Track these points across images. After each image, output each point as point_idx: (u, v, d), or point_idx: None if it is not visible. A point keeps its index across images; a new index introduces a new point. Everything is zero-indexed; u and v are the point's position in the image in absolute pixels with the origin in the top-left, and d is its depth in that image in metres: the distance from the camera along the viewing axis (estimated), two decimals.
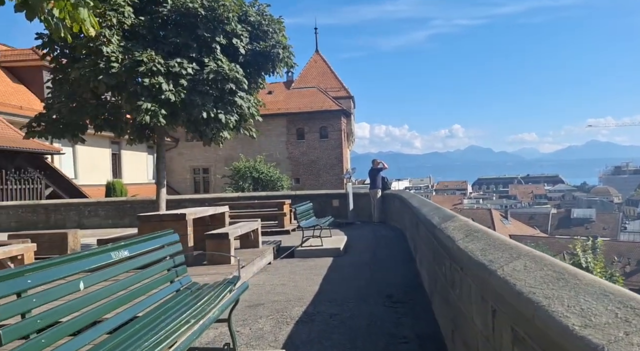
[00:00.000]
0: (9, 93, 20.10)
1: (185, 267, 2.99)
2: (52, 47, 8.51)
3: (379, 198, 12.46)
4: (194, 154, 33.58)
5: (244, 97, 8.60)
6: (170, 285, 2.77)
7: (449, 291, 3.31)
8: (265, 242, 8.52)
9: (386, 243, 8.93)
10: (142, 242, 2.52)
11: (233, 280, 2.89)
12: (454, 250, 2.74)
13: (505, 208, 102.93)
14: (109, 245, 2.22)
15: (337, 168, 31.94)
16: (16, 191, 15.66)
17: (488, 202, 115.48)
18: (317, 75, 35.03)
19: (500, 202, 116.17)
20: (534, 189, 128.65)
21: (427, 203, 5.50)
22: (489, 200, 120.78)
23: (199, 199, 14.44)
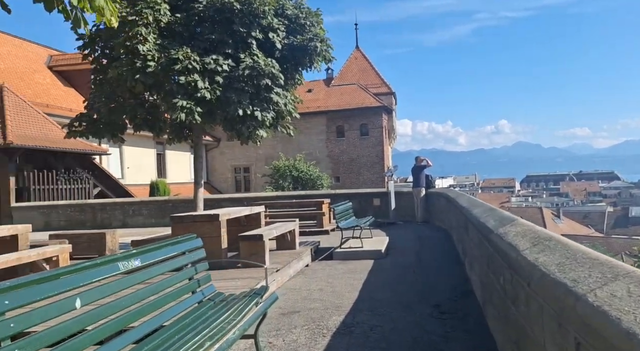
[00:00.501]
0: (60, 96, 20.92)
1: (209, 276, 2.70)
2: (93, 47, 8.58)
3: (422, 197, 11.91)
4: (235, 153, 33.94)
5: (281, 93, 8.34)
6: (191, 295, 2.49)
7: (509, 306, 2.85)
8: (303, 243, 8.22)
9: (431, 245, 8.42)
10: (157, 249, 2.25)
11: (260, 290, 2.58)
12: (518, 262, 2.30)
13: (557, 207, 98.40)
14: (118, 254, 1.96)
15: (378, 167, 31.33)
16: (66, 191, 16.22)
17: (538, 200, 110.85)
18: (358, 72, 34.51)
19: (550, 200, 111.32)
20: (587, 186, 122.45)
21: (478, 203, 5.01)
22: (539, 198, 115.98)
23: (238, 198, 14.39)
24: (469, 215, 4.68)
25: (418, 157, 12.25)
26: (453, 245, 8.05)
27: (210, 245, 5.36)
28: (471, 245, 4.90)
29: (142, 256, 2.07)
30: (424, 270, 6.23)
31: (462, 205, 5.73)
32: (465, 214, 5.07)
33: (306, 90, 34.50)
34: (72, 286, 1.58)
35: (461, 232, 6.41)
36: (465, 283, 5.28)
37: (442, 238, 9.01)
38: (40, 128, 16.03)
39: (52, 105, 19.18)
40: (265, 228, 6.09)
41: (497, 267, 3.14)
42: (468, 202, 5.67)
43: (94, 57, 8.68)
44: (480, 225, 3.73)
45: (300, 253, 6.68)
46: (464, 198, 6.50)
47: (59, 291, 1.53)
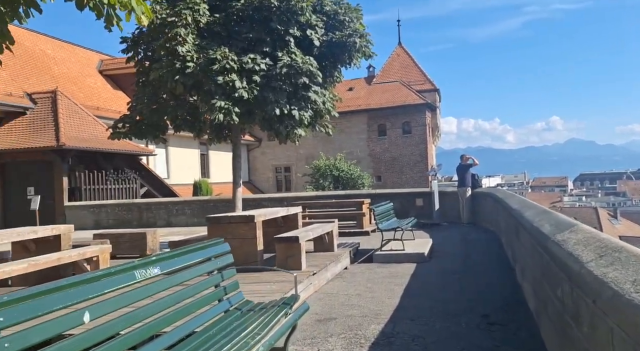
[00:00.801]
0: (109, 99, 21.77)
1: (236, 283, 2.56)
2: (136, 50, 8.76)
3: (468, 197, 11.40)
4: (276, 153, 34.18)
5: (319, 91, 8.17)
6: (217, 304, 2.35)
7: (568, 322, 2.53)
8: (342, 245, 8.02)
9: (477, 248, 7.99)
10: (180, 256, 2.12)
11: (290, 300, 2.40)
12: (582, 276, 2.00)
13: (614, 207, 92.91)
14: (136, 261, 1.83)
15: (421, 165, 30.60)
16: (114, 190, 16.82)
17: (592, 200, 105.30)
18: (400, 69, 33.87)
19: (606, 200, 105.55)
20: None
21: (530, 205, 4.61)
22: (594, 198, 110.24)
23: (278, 198, 14.37)
24: (520, 218, 4.32)
25: (463, 155, 11.74)
26: (502, 248, 7.60)
27: (246, 247, 5.26)
28: (523, 250, 4.53)
29: (162, 263, 1.94)
30: (470, 276, 5.87)
31: (511, 207, 5.33)
32: (516, 217, 4.70)
33: (347, 89, 34.24)
34: (79, 299, 1.46)
35: (511, 236, 5.99)
36: (516, 292, 4.90)
37: (490, 241, 8.54)
38: (91, 130, 16.71)
39: (102, 107, 19.97)
40: (302, 230, 5.94)
41: (553, 277, 2.82)
42: (519, 203, 5.27)
43: (137, 60, 8.86)
44: (533, 229, 3.39)
45: (339, 255, 6.48)
46: (514, 199, 6.08)
47: (64, 305, 1.41)
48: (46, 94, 16.74)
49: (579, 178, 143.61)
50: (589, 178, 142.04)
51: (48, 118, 15.88)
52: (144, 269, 1.80)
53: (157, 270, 1.88)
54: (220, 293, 2.38)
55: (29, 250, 5.02)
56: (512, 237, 5.88)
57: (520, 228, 4.67)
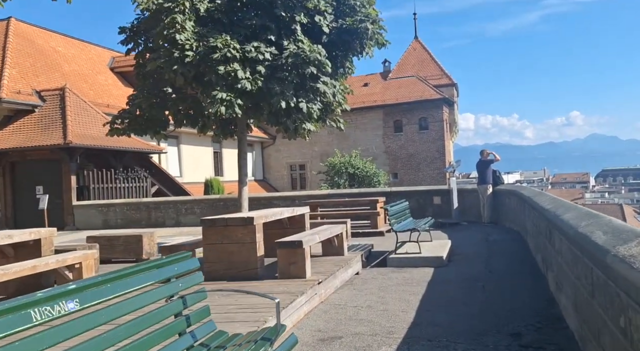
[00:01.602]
0: (120, 96, 21.49)
1: (206, 309, 2.01)
2: (136, 41, 8.30)
3: (489, 195, 10.69)
4: (291, 151, 33.70)
5: (328, 82, 7.59)
6: (178, 339, 1.81)
7: None
8: (354, 247, 7.44)
9: (501, 251, 7.32)
10: (122, 278, 1.59)
11: (271, 334, 1.84)
12: None
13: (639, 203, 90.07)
14: (39, 294, 1.30)
15: (438, 162, 29.77)
16: (124, 189, 16.50)
17: (615, 196, 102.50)
18: (416, 63, 33.00)
19: (630, 196, 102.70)
20: None
21: (568, 205, 3.96)
22: (617, 194, 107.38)
23: (290, 197, 13.85)
24: (556, 220, 3.68)
25: (484, 151, 11.02)
26: (528, 251, 6.92)
27: (244, 252, 4.74)
28: (559, 259, 3.89)
29: (85, 294, 1.41)
30: (495, 284, 5.24)
31: (543, 207, 4.68)
32: (551, 219, 4.05)
33: (362, 84, 33.54)
34: None
35: (541, 239, 5.34)
36: (550, 305, 4.26)
37: (515, 243, 7.86)
38: (100, 128, 16.39)
39: (113, 105, 19.70)
40: (307, 233, 5.38)
41: (613, 302, 2.20)
42: (551, 202, 4.61)
43: (138, 52, 8.42)
44: (579, 237, 2.77)
45: (349, 260, 5.91)
46: (545, 198, 5.41)
47: None
48: (55, 91, 16.51)
49: (601, 174, 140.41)
50: (612, 174, 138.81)
51: (56, 116, 15.63)
52: (49, 305, 1.27)
53: (74, 305, 1.35)
54: (181, 324, 1.84)
55: (7, 256, 4.58)
56: (542, 240, 5.23)
57: (554, 233, 4.04)
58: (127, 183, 16.65)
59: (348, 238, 9.35)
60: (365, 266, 6.77)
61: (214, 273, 4.81)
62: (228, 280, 4.70)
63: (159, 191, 19.39)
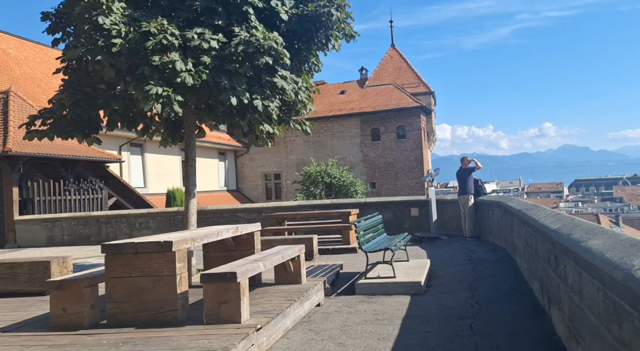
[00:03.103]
0: None
1: None
2: (64, 29, 7.08)
3: (471, 207, 9.73)
4: (265, 159, 32.54)
5: (288, 77, 6.51)
6: None
7: None
8: (320, 268, 6.32)
9: (488, 274, 6.30)
10: None
11: None
12: None
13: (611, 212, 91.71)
14: None
15: (416, 171, 29.02)
16: (76, 202, 15.01)
17: (589, 206, 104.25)
18: (393, 72, 32.37)
19: (603, 206, 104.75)
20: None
21: (588, 228, 2.93)
22: (590, 204, 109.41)
23: (256, 209, 12.66)
24: (575, 248, 2.65)
25: (465, 158, 10.09)
26: (520, 276, 5.92)
27: (160, 289, 3.57)
28: (575, 299, 2.84)
29: None
30: (485, 322, 4.17)
31: (547, 226, 3.66)
32: (563, 244, 3.02)
33: (339, 92, 32.74)
34: None
35: (538, 264, 4.33)
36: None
37: (502, 264, 6.86)
38: None
39: None
40: (249, 259, 4.24)
41: None
42: (558, 220, 3.59)
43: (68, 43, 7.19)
44: (608, 268, 1.72)
45: (307, 290, 4.78)
46: (544, 213, 4.40)
47: None
48: None
49: (574, 184, 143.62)
50: (584, 184, 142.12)
51: None
52: None
53: None
54: None
55: None
56: (540, 265, 4.22)
57: (566, 262, 3.02)
58: (79, 195, 15.16)
59: (315, 256, 8.24)
60: (331, 294, 5.66)
61: (121, 317, 3.62)
62: (137, 327, 3.52)
63: (118, 203, 17.91)
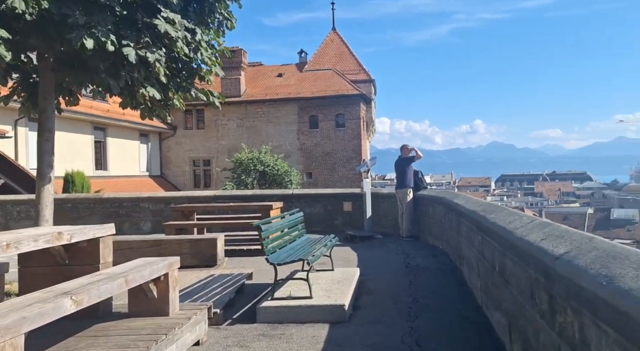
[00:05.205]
0: None
1: None
2: None
3: (409, 202, 8.50)
4: (194, 144, 30.10)
5: (177, 21, 4.75)
6: None
7: None
8: (218, 280, 4.69)
9: (429, 289, 4.99)
10: None
11: None
12: None
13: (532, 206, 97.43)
14: None
15: (354, 162, 27.96)
16: None
17: (513, 199, 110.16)
18: (334, 56, 31.00)
19: (525, 200, 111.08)
20: (561, 186, 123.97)
21: (610, 252, 1.56)
22: (514, 198, 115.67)
23: (161, 198, 10.71)
24: (538, 258, 1.22)
25: (405, 146, 8.81)
26: (469, 293, 4.66)
27: None
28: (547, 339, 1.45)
29: None
30: None
31: (538, 247, 2.29)
32: (530, 254, 1.62)
33: (276, 75, 30.88)
34: None
35: (508, 292, 3.01)
36: None
37: (446, 276, 5.59)
38: None
39: None
40: (64, 287, 2.53)
41: None
42: (557, 237, 2.25)
43: None
44: None
45: (174, 326, 3.16)
46: (518, 221, 3.08)
47: None
48: None
49: (500, 179, 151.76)
50: (509, 179, 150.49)
51: None
52: None
53: None
54: None
55: None
56: (511, 296, 2.91)
57: (541, 278, 1.65)
58: None
59: (220, 262, 6.57)
60: (222, 322, 4.08)
61: None
62: None
63: (6, 186, 15.09)
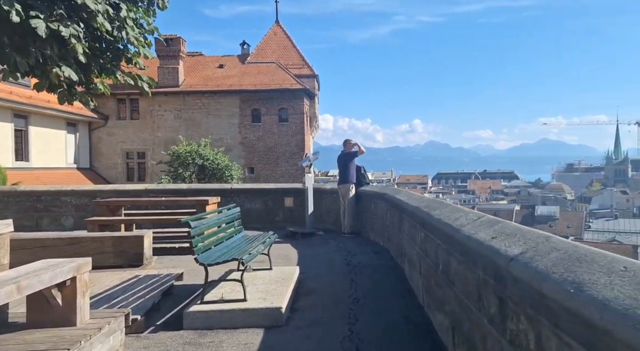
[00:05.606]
0: None
1: None
2: None
3: (352, 198, 8.36)
4: (128, 135, 28.43)
5: None
6: None
7: None
8: (143, 282, 4.22)
9: (371, 288, 4.83)
10: None
11: None
12: None
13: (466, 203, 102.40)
14: None
15: (297, 157, 27.69)
16: None
17: (447, 197, 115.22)
18: (277, 49, 30.49)
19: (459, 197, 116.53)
20: (491, 184, 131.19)
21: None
22: (449, 195, 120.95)
23: (88, 192, 9.85)
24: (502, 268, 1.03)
25: (348, 141, 8.65)
26: (410, 292, 4.54)
27: None
28: None
29: None
30: None
31: (488, 246, 2.13)
32: (492, 263, 1.44)
33: (217, 66, 29.87)
34: None
35: (452, 293, 2.87)
36: None
37: (388, 272, 5.46)
38: None
39: None
40: None
41: None
42: (507, 235, 2.09)
43: None
44: None
45: (84, 336, 2.71)
46: (463, 217, 2.94)
47: None
48: None
49: (436, 176, 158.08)
50: (445, 177, 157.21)
51: None
52: None
53: None
54: None
55: None
56: (456, 297, 2.76)
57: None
58: None
59: (147, 261, 6.04)
60: (143, 330, 3.65)
61: None
62: None
63: None
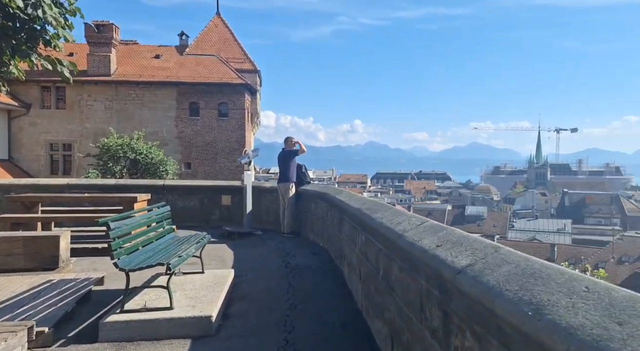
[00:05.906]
0: None
1: None
2: None
3: (292, 197, 8.15)
4: (52, 126, 26.38)
5: None
6: None
7: None
8: (57, 288, 3.74)
9: (309, 292, 4.65)
10: None
11: None
12: None
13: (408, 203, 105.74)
14: None
15: (237, 153, 27.01)
16: None
17: (385, 196, 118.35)
18: (217, 42, 29.58)
19: (396, 197, 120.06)
20: (425, 185, 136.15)
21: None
22: (386, 194, 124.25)
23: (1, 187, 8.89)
24: None
25: (290, 138, 8.42)
26: (349, 295, 4.41)
27: None
28: None
29: None
30: None
31: (432, 255, 2.00)
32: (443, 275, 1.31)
33: (153, 56, 28.46)
34: None
35: (392, 300, 2.75)
36: None
37: (327, 275, 5.32)
38: None
39: None
40: None
41: None
42: (453, 243, 1.97)
43: None
44: None
45: None
46: (406, 221, 2.83)
47: None
48: None
49: (375, 176, 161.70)
50: (383, 177, 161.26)
51: None
52: None
53: None
54: None
55: None
56: (395, 304, 2.65)
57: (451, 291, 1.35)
58: None
59: (64, 263, 5.47)
60: (51, 344, 3.22)
61: None
62: None
63: None
